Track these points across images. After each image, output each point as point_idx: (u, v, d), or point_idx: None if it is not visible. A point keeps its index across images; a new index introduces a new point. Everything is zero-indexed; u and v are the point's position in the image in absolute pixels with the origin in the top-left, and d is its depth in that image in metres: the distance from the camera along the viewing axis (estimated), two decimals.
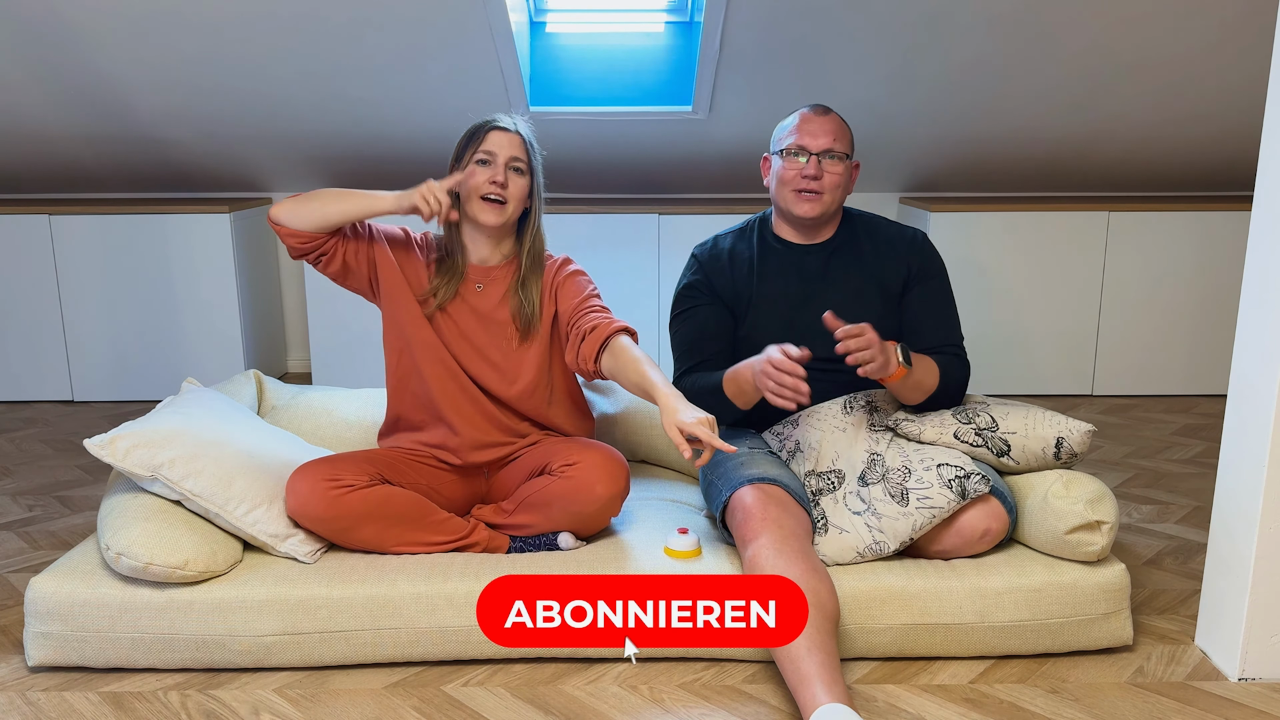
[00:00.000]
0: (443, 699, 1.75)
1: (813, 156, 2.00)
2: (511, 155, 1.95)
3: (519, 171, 1.97)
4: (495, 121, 1.97)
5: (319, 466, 1.88)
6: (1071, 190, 4.06)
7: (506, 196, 1.94)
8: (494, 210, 1.95)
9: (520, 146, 1.97)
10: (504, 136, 1.96)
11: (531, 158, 1.99)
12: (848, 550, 1.84)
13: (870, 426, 1.96)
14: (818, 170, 2.00)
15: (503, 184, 1.94)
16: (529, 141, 2.00)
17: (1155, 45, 3.16)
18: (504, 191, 1.94)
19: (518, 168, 1.96)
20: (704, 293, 2.09)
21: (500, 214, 1.95)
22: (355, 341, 3.74)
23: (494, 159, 1.94)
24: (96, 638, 1.78)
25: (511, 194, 1.95)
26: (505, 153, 1.95)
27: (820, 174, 2.00)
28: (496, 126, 1.96)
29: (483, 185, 1.93)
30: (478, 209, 1.95)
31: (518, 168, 1.96)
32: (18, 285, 3.64)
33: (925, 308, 2.06)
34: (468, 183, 1.94)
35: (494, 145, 1.95)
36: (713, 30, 3.07)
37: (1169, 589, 2.17)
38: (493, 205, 1.94)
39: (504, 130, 1.96)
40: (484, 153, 1.95)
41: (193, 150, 3.71)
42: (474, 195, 1.95)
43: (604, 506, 1.89)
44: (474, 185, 1.94)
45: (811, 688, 1.58)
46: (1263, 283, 1.74)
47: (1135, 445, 3.21)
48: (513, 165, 1.96)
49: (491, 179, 1.93)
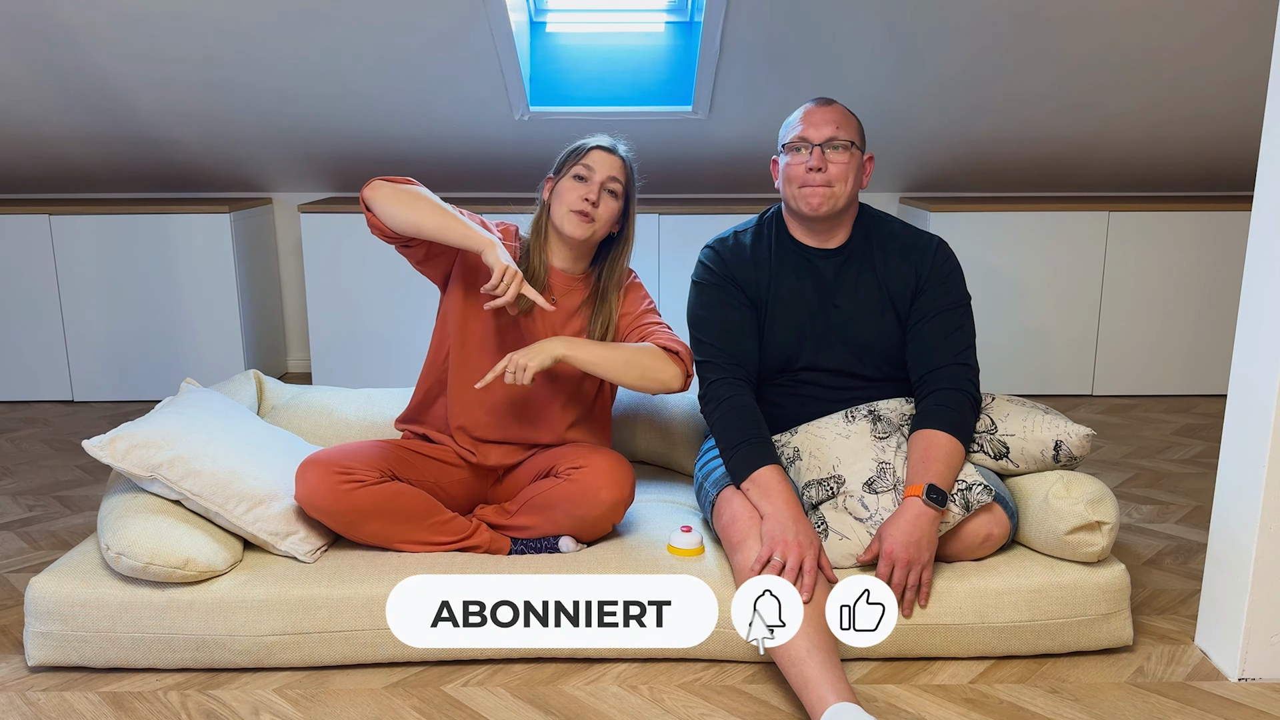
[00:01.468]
0: (443, 699, 1.74)
1: (815, 147, 1.91)
2: (609, 175, 1.97)
3: (613, 194, 1.98)
4: (598, 141, 1.99)
5: (331, 458, 1.88)
6: (1071, 190, 4.06)
7: (596, 216, 1.95)
8: (581, 223, 1.95)
9: (620, 169, 1.98)
10: (605, 157, 1.97)
11: (630, 189, 2.00)
12: (847, 556, 1.83)
13: (875, 435, 1.93)
14: (821, 161, 1.90)
15: (594, 201, 1.94)
16: (630, 170, 2.00)
17: (1155, 45, 3.16)
18: (594, 210, 1.95)
19: (613, 190, 1.97)
20: (728, 287, 1.99)
21: (586, 228, 1.96)
22: (355, 341, 3.74)
23: (591, 176, 1.96)
24: (96, 638, 1.78)
25: (601, 214, 1.96)
26: (604, 172, 1.96)
27: (824, 165, 1.90)
28: (599, 146, 1.98)
29: (575, 201, 1.95)
30: (564, 219, 1.96)
31: (613, 190, 1.97)
32: (18, 285, 3.64)
33: (932, 318, 1.96)
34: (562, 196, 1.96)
35: (594, 162, 1.96)
36: (713, 30, 3.07)
37: (1169, 589, 2.16)
38: (580, 218, 1.95)
39: (606, 151, 1.98)
40: (583, 167, 1.96)
41: (193, 150, 3.71)
42: (565, 207, 1.96)
43: (607, 512, 1.89)
44: (567, 199, 1.96)
45: (818, 689, 1.58)
46: (1263, 283, 1.74)
47: (1135, 445, 3.21)
48: (608, 186, 1.97)
49: (585, 195, 1.94)
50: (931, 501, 1.76)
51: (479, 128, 3.54)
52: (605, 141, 2.00)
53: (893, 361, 2.00)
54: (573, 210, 1.95)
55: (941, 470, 1.80)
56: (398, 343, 3.72)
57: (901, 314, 1.99)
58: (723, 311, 1.99)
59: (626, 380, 1.90)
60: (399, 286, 3.66)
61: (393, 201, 1.85)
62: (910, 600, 1.78)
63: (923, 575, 1.77)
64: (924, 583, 1.77)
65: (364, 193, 1.88)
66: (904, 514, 1.77)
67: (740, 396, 1.93)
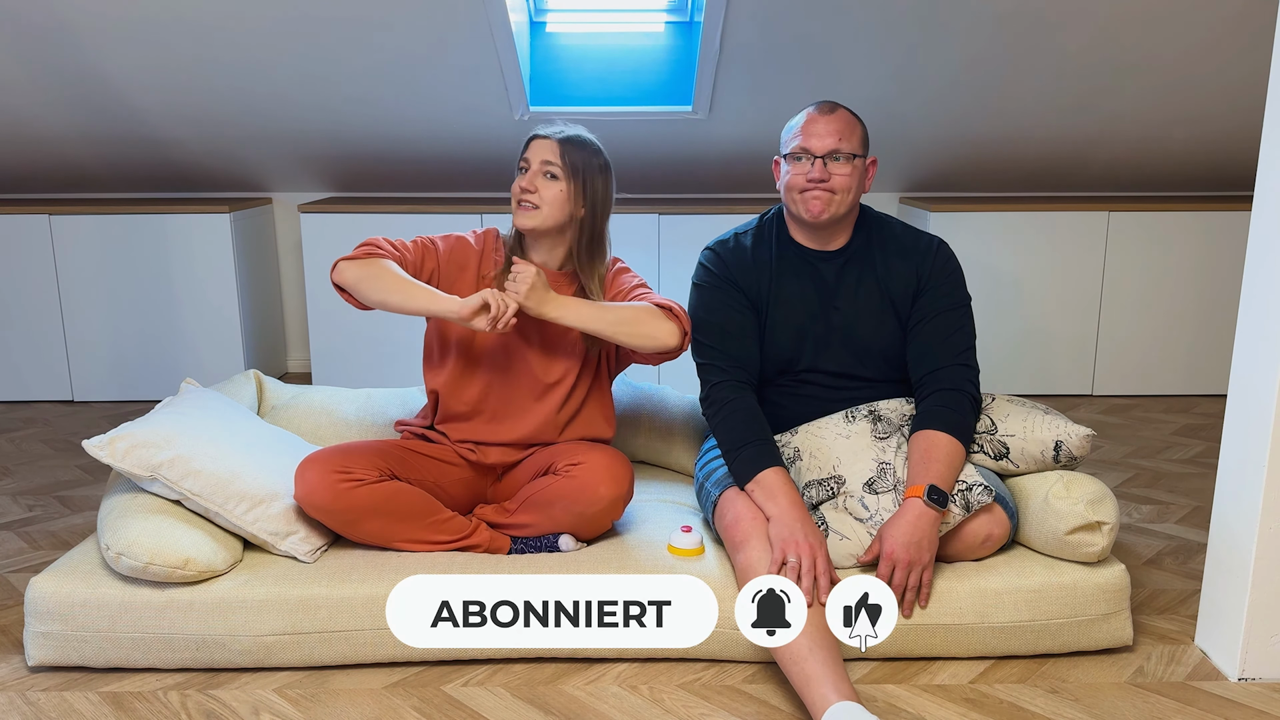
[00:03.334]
0: (443, 699, 1.74)
1: (817, 160, 1.89)
2: (543, 159, 1.96)
3: (552, 177, 1.96)
4: (537, 130, 1.99)
5: (330, 456, 1.88)
6: (1071, 190, 4.06)
7: (536, 201, 1.95)
8: (523, 214, 1.96)
9: (553, 150, 1.96)
10: (539, 143, 1.98)
11: (574, 164, 1.96)
12: (847, 557, 1.83)
13: (875, 435, 1.93)
14: (823, 173, 1.89)
15: (531, 189, 1.95)
16: (571, 146, 1.97)
17: (1156, 45, 3.16)
18: (531, 196, 1.95)
19: (550, 173, 1.96)
20: (729, 289, 1.99)
21: (531, 218, 1.96)
22: (355, 341, 3.74)
23: (528, 165, 1.97)
24: (96, 638, 1.78)
25: (544, 198, 1.95)
26: (538, 157, 1.96)
27: (826, 177, 1.89)
28: (536, 135, 1.99)
29: (515, 192, 1.97)
30: (514, 214, 1.98)
31: (550, 173, 1.96)
32: (18, 285, 3.64)
33: (932, 319, 1.96)
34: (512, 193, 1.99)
35: (530, 152, 1.98)
36: (713, 30, 3.07)
37: (1169, 589, 2.16)
38: (521, 208, 1.96)
39: (541, 137, 1.98)
40: (523, 160, 1.98)
41: (193, 150, 3.71)
42: (513, 201, 1.98)
43: (606, 508, 1.89)
44: (512, 191, 1.98)
45: (820, 687, 1.58)
46: (1263, 283, 1.74)
47: (1135, 445, 3.21)
48: (545, 171, 1.96)
49: (522, 185, 1.96)
50: (932, 503, 1.76)
51: (479, 128, 3.54)
52: (543, 129, 1.99)
53: (893, 363, 2.00)
54: (516, 203, 1.97)
55: (942, 471, 1.80)
56: (398, 343, 3.72)
57: (902, 315, 1.98)
58: (723, 313, 1.98)
59: (620, 338, 1.89)
60: None
61: (359, 283, 1.88)
62: (910, 601, 1.78)
63: (923, 576, 1.77)
64: (924, 584, 1.77)
65: (332, 277, 1.92)
66: (905, 515, 1.77)
67: (742, 399, 1.93)
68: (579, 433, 2.07)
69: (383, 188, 4.03)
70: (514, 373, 2.03)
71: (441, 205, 3.73)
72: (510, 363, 2.03)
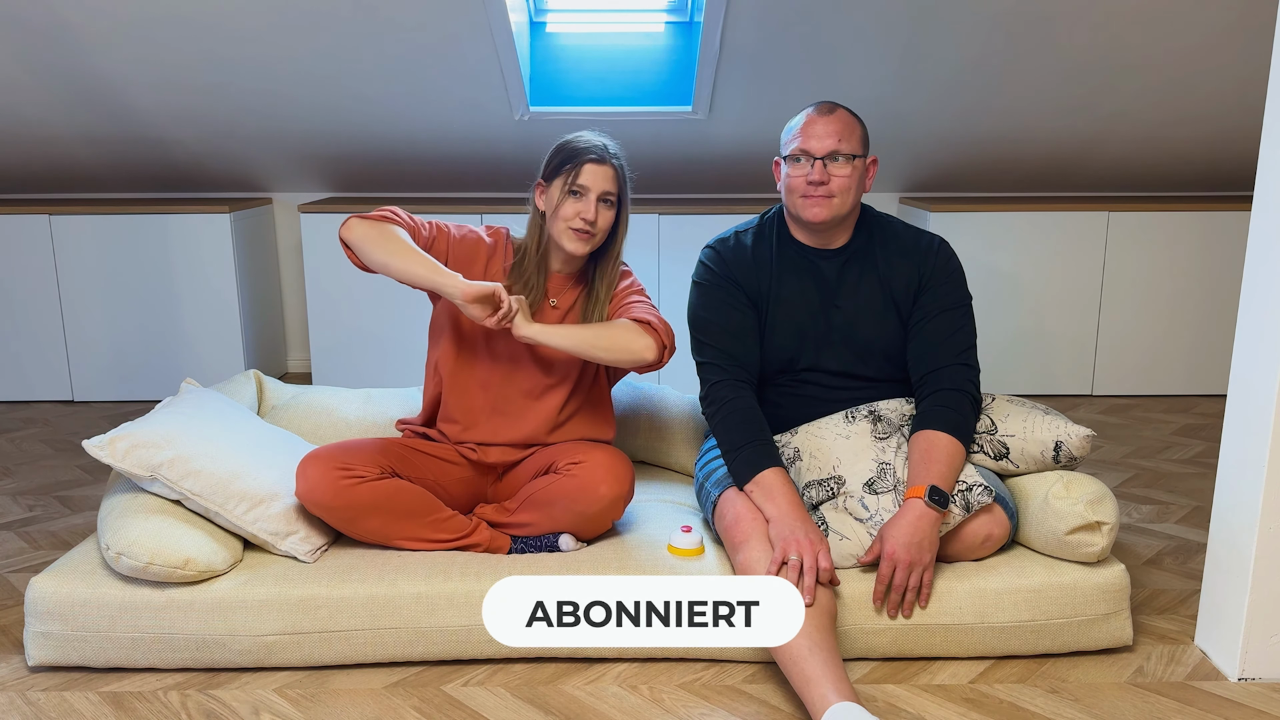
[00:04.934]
0: (443, 699, 1.74)
1: (817, 161, 1.88)
2: (604, 190, 1.94)
3: (609, 204, 1.96)
4: (590, 153, 1.94)
5: (331, 454, 1.88)
6: (1071, 190, 4.06)
7: (595, 230, 1.95)
8: (581, 241, 1.95)
9: (613, 180, 1.96)
10: (597, 170, 1.94)
11: (623, 190, 1.98)
12: (847, 557, 1.83)
13: (875, 436, 1.93)
14: (823, 175, 1.88)
15: (592, 220, 1.94)
16: (622, 173, 1.98)
17: (1156, 45, 3.16)
18: (593, 227, 1.94)
19: (608, 200, 1.96)
20: (730, 288, 1.98)
21: (587, 244, 1.96)
22: (355, 341, 3.74)
23: (586, 193, 1.94)
24: (96, 638, 1.78)
25: (600, 227, 1.95)
26: (599, 187, 1.94)
27: (826, 179, 1.88)
28: (591, 159, 1.94)
29: (573, 219, 1.94)
30: (564, 235, 1.95)
31: (608, 200, 1.96)
32: (18, 285, 3.64)
33: (933, 318, 1.95)
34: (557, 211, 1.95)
35: (588, 180, 1.93)
36: (713, 30, 3.07)
37: (1169, 589, 2.17)
38: (579, 235, 1.95)
39: (596, 163, 1.94)
40: (578, 186, 1.94)
41: (193, 150, 3.71)
42: (563, 223, 1.95)
43: (607, 508, 1.89)
44: (563, 215, 1.94)
45: (819, 688, 1.58)
46: (1263, 283, 1.74)
47: (1135, 445, 3.21)
48: (604, 199, 1.95)
49: (581, 214, 1.93)
50: (933, 503, 1.76)
51: (479, 128, 3.54)
52: (595, 151, 1.95)
53: (894, 362, 2.00)
54: (571, 228, 1.94)
55: (943, 471, 1.80)
56: (398, 343, 3.72)
57: (904, 314, 1.98)
58: (723, 312, 1.98)
59: (598, 355, 1.90)
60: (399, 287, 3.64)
61: (365, 241, 1.88)
62: (910, 602, 1.78)
63: (924, 577, 1.77)
64: (925, 584, 1.77)
65: (340, 232, 1.91)
66: (905, 515, 1.77)
67: (742, 398, 1.93)
68: (579, 433, 2.08)
69: (383, 188, 4.03)
70: (514, 372, 2.03)
71: (441, 205, 3.73)
72: (511, 360, 2.03)
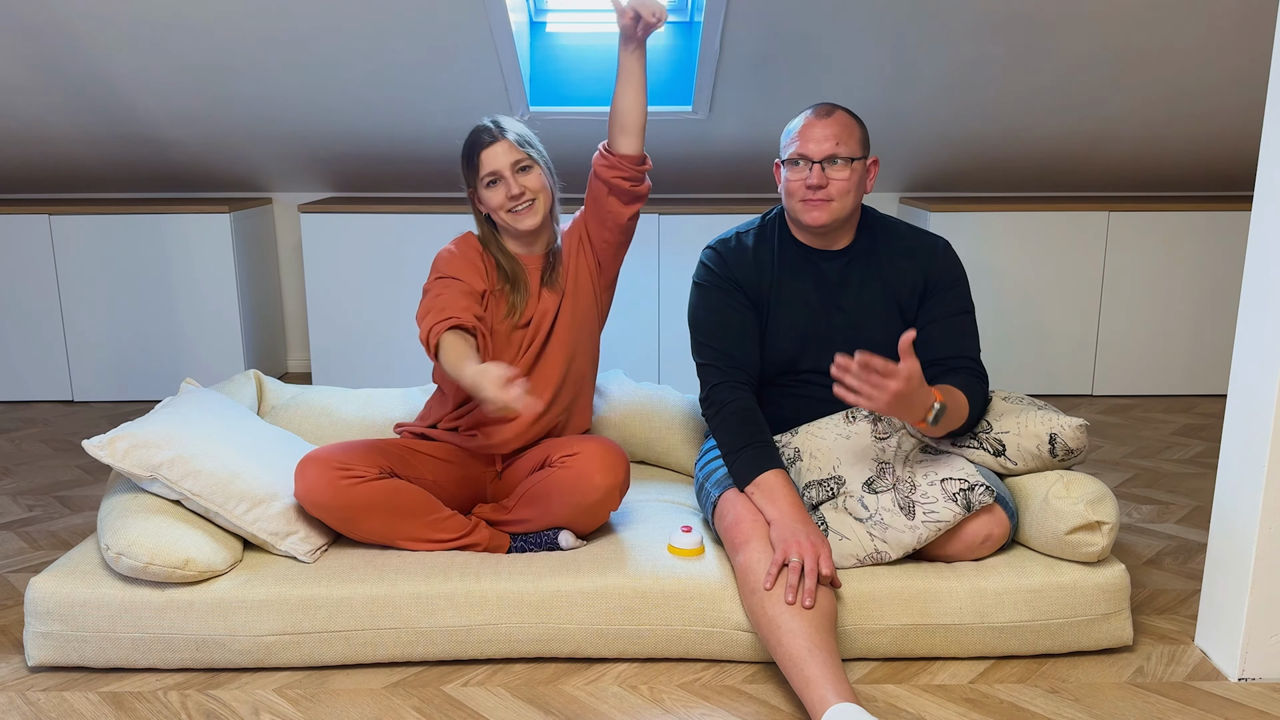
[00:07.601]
0: (443, 699, 1.75)
1: (815, 165, 1.88)
2: (511, 163, 1.97)
3: (525, 169, 1.98)
4: (479, 144, 1.98)
5: (330, 454, 1.88)
6: (1071, 190, 4.06)
7: (529, 196, 1.98)
8: (525, 214, 1.99)
9: (512, 149, 1.98)
10: (494, 151, 1.97)
11: (529, 149, 2.00)
12: (847, 557, 1.84)
13: (876, 436, 1.93)
14: (821, 179, 1.87)
15: (519, 194, 1.96)
16: (519, 136, 2.00)
17: (1155, 45, 3.16)
18: (523, 197, 1.97)
19: (524, 166, 1.98)
20: (730, 289, 1.98)
21: (536, 212, 1.99)
22: (355, 341, 3.74)
23: (498, 174, 1.97)
24: (96, 638, 1.79)
25: (532, 188, 1.98)
26: (505, 164, 1.97)
27: (825, 182, 1.88)
28: (483, 147, 1.97)
29: (505, 203, 1.97)
30: (512, 221, 1.99)
31: (524, 166, 1.98)
32: (18, 285, 3.64)
33: (941, 319, 1.96)
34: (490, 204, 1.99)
35: (491, 164, 1.97)
36: (713, 30, 3.07)
37: (1169, 589, 2.17)
38: (521, 212, 1.98)
39: (491, 145, 1.97)
40: (488, 175, 1.97)
41: (193, 150, 3.71)
42: (501, 212, 1.99)
43: (603, 498, 1.89)
44: (496, 206, 1.98)
45: (819, 689, 1.58)
46: (1263, 283, 1.74)
47: (1135, 445, 3.21)
48: (517, 169, 1.98)
49: (508, 195, 1.96)
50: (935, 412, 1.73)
51: None
52: (483, 137, 1.99)
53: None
54: (510, 211, 1.98)
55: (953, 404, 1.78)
56: (398, 343, 3.72)
57: (907, 316, 1.98)
58: (724, 313, 1.98)
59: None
60: (399, 287, 3.66)
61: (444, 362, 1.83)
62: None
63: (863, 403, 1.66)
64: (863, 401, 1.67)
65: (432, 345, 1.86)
66: None
67: (742, 400, 1.93)
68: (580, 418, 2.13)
69: (383, 188, 4.04)
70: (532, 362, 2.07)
71: (441, 205, 3.73)
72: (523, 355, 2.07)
